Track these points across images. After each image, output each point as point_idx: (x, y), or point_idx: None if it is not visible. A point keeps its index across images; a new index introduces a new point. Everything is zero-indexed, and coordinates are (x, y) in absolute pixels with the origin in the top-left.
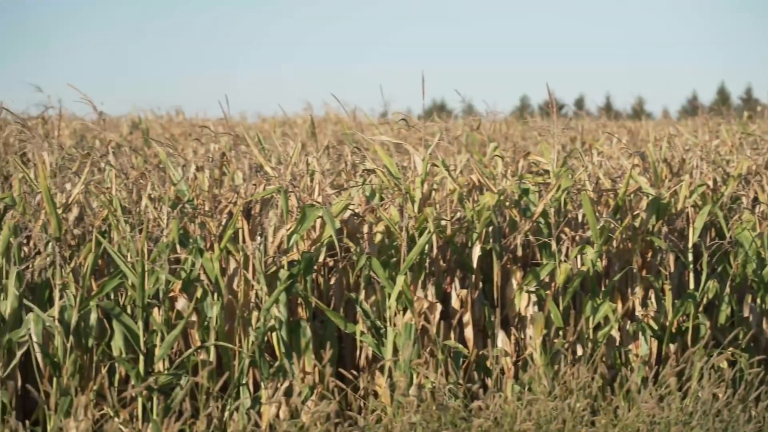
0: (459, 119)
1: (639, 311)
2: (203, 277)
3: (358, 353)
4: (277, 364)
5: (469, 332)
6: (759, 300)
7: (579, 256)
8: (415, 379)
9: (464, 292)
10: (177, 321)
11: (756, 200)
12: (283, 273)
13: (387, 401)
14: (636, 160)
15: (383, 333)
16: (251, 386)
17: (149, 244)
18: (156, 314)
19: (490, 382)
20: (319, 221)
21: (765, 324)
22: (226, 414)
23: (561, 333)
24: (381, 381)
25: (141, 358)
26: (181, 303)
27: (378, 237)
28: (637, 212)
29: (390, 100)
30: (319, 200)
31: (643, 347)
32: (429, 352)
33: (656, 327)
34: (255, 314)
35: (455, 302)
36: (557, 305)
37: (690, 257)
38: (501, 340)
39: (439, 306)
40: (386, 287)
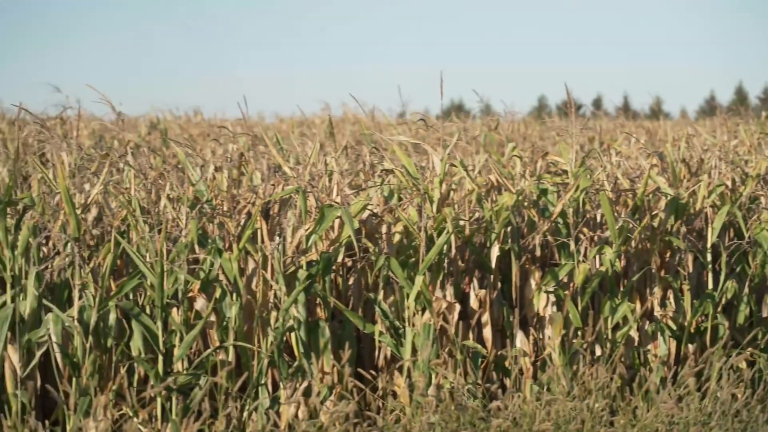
0: (477, 119)
1: (657, 311)
2: (222, 278)
3: (377, 353)
4: (296, 364)
5: (488, 332)
6: None
7: (597, 257)
8: (434, 380)
9: (483, 292)
10: (196, 321)
11: None
12: (302, 273)
13: (406, 401)
14: (654, 160)
15: (402, 333)
16: (270, 386)
17: (168, 245)
18: (175, 314)
19: (509, 383)
20: (338, 221)
21: None
22: (245, 414)
23: (580, 333)
24: (400, 381)
25: (160, 358)
26: (200, 303)
27: (396, 237)
28: (656, 212)
29: (408, 101)
30: (338, 200)
31: (662, 347)
32: (448, 353)
33: (675, 327)
34: (274, 314)
35: (474, 302)
36: (576, 305)
37: (709, 257)
38: (520, 341)
39: (458, 306)
40: (405, 287)
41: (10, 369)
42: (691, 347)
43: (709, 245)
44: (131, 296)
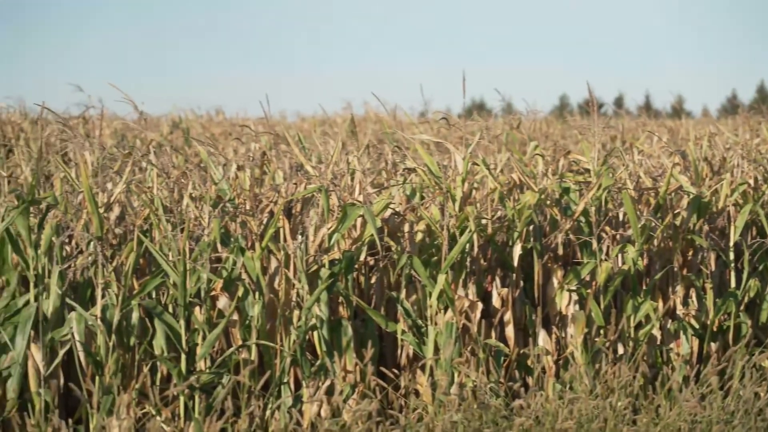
0: (499, 118)
1: (680, 310)
2: (244, 276)
3: (399, 352)
4: (319, 363)
5: (510, 331)
6: None
7: (620, 255)
8: (456, 378)
9: (505, 291)
10: (218, 320)
11: None
12: (324, 272)
13: (428, 400)
14: (676, 159)
15: (424, 332)
16: (292, 385)
17: (191, 243)
18: (197, 313)
19: (531, 381)
20: (360, 220)
21: None
22: (268, 412)
23: (602, 332)
24: (422, 380)
25: (183, 357)
26: (223, 302)
27: (419, 236)
28: (678, 211)
29: (430, 100)
30: (360, 199)
31: (685, 346)
32: (470, 351)
33: (697, 326)
34: (296, 313)
35: (496, 301)
36: (598, 304)
37: (731, 256)
38: (542, 339)
39: (480, 305)
40: (427, 286)
41: (34, 367)
42: (714, 346)
43: (732, 244)
44: (154, 295)
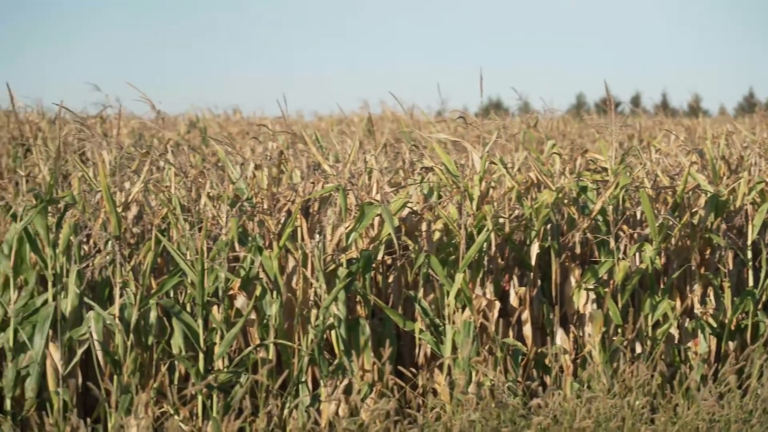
0: (516, 117)
1: (698, 309)
2: (262, 275)
3: (417, 351)
4: (336, 362)
5: (528, 330)
6: None
7: (637, 254)
8: (474, 377)
9: (523, 290)
10: (236, 319)
11: None
12: (342, 271)
13: (446, 399)
14: (694, 158)
15: (442, 331)
16: (310, 384)
17: (208, 243)
18: (215, 312)
19: (549, 380)
20: (378, 219)
21: None
22: (286, 412)
23: (620, 331)
24: (440, 379)
25: (201, 356)
26: (241, 301)
27: (436, 235)
28: (696, 209)
29: (447, 98)
30: (378, 198)
31: (702, 345)
32: (488, 350)
33: (715, 324)
34: (314, 312)
35: (514, 300)
36: (616, 303)
37: (749, 254)
38: (560, 338)
39: (498, 304)
40: (445, 285)
41: (52, 367)
42: (732, 344)
43: (750, 242)
44: (172, 294)
